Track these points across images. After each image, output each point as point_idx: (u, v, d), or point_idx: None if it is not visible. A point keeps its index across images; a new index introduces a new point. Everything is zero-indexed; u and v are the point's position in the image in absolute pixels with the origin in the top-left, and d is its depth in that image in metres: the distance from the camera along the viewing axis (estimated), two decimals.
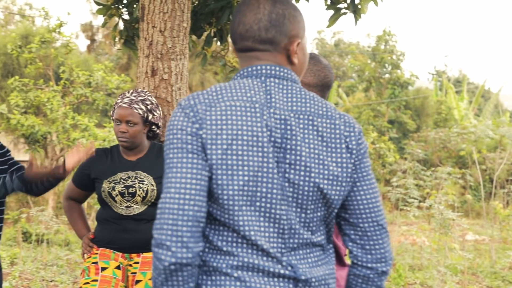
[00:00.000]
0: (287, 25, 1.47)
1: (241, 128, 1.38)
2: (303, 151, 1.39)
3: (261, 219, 1.39)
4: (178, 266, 1.33)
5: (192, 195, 1.34)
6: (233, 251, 1.39)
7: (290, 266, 1.39)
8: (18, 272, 5.95)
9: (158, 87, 3.42)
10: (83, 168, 2.93)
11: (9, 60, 21.20)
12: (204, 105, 1.41)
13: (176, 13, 3.43)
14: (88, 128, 13.21)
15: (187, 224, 1.33)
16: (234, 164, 1.37)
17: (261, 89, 1.44)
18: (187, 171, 1.36)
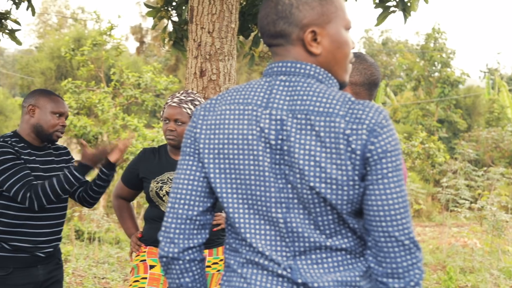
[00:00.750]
0: (296, 14, 1.36)
1: (232, 132, 1.37)
2: (297, 153, 1.31)
3: (261, 222, 1.37)
4: (169, 259, 1.43)
5: (183, 195, 1.42)
6: (238, 248, 1.41)
7: (289, 268, 1.35)
8: (72, 269, 6.12)
9: (207, 88, 3.45)
10: (132, 167, 2.98)
11: (62, 63, 21.88)
12: (204, 110, 1.45)
13: (224, 14, 3.45)
14: (137, 129, 13.45)
15: (175, 222, 1.42)
16: (226, 168, 1.38)
17: (264, 89, 1.39)
18: (182, 172, 1.43)
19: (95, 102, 14.09)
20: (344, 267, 1.35)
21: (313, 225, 1.34)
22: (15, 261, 2.65)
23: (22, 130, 2.75)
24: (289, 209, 1.34)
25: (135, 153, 12.02)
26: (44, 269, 2.75)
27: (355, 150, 1.28)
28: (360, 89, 2.09)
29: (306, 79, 1.38)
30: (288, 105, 1.34)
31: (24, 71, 25.38)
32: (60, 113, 2.75)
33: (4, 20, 4.18)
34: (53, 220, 2.73)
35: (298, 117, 1.32)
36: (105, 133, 14.11)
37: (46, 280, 2.76)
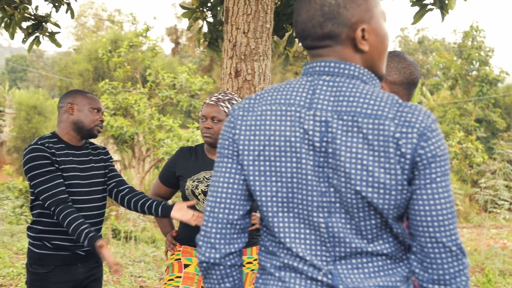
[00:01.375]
0: (344, 14, 1.33)
1: (273, 134, 1.33)
2: (343, 156, 1.27)
3: (301, 226, 1.35)
4: (209, 265, 1.40)
5: (223, 199, 1.38)
6: (275, 251, 1.39)
7: (330, 274, 1.32)
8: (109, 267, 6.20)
9: (242, 88, 3.46)
10: (169, 165, 3.01)
11: (99, 64, 22.25)
12: (242, 110, 1.40)
13: (260, 14, 3.45)
14: (172, 129, 13.58)
15: (216, 226, 1.38)
16: (266, 170, 1.34)
17: (306, 89, 1.35)
18: (221, 175, 1.40)
19: (131, 102, 14.28)
20: (385, 272, 1.33)
21: (355, 230, 1.31)
22: (56, 259, 2.71)
23: (60, 130, 2.80)
24: (331, 213, 1.31)
25: (170, 153, 12.14)
26: (84, 267, 2.80)
27: (405, 154, 1.25)
28: (399, 89, 2.06)
29: (350, 80, 1.34)
30: (333, 106, 1.30)
31: (62, 72, 25.92)
32: (98, 109, 2.81)
33: (44, 23, 4.28)
34: (92, 219, 2.77)
35: (344, 119, 1.28)
36: (141, 133, 14.30)
37: (86, 278, 2.81)
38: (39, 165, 2.63)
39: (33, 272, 2.72)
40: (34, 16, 4.24)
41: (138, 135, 14.60)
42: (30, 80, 54.24)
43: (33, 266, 2.71)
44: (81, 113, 2.77)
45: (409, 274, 1.35)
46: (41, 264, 2.70)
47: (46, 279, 2.69)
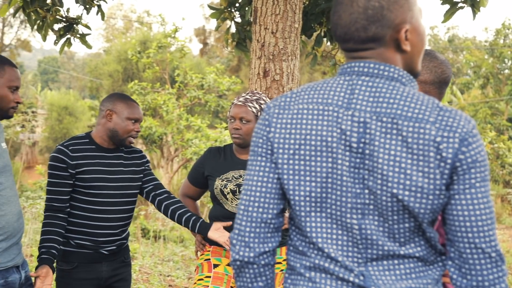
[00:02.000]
0: (388, 16, 1.32)
1: (309, 133, 1.32)
2: (381, 158, 1.26)
3: (334, 226, 1.34)
4: (243, 263, 1.41)
5: (257, 197, 1.38)
6: (307, 252, 1.38)
7: (362, 275, 1.31)
8: (138, 266, 6.27)
9: (270, 88, 3.45)
10: (198, 165, 3.03)
11: (129, 65, 22.52)
12: (278, 108, 1.40)
13: (288, 14, 3.44)
14: (200, 129, 13.65)
15: (250, 225, 1.39)
16: (301, 169, 1.34)
17: (344, 89, 1.34)
18: (254, 173, 1.40)
19: (160, 103, 14.40)
20: (416, 275, 1.32)
21: (388, 232, 1.30)
22: (79, 257, 2.75)
23: (96, 133, 2.84)
24: (364, 215, 1.30)
25: (199, 153, 12.21)
26: (109, 266, 2.82)
27: (446, 158, 1.24)
28: (430, 88, 2.03)
29: (390, 82, 1.33)
30: (372, 107, 1.29)
31: (93, 74, 26.32)
32: (136, 119, 2.81)
33: (75, 25, 4.34)
34: (115, 221, 2.80)
35: (383, 120, 1.27)
36: (170, 133, 14.41)
37: (110, 277, 2.83)
38: (53, 174, 2.72)
39: (59, 269, 2.78)
40: (66, 18, 4.31)
41: (166, 135, 14.72)
42: (62, 81, 55.20)
43: (59, 262, 2.78)
44: (118, 122, 2.78)
45: (439, 277, 1.34)
46: (66, 261, 2.76)
47: (70, 275, 2.75)
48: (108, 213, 2.76)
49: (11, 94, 2.36)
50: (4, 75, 2.33)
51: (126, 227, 2.88)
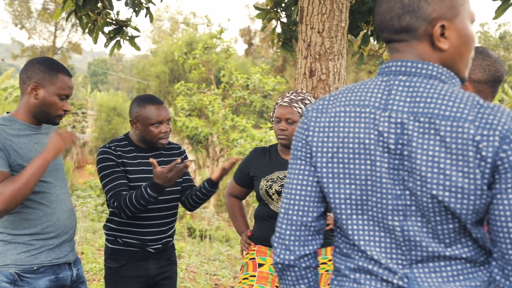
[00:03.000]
0: (424, 8, 1.29)
1: (347, 136, 1.31)
2: (419, 159, 1.23)
3: (376, 229, 1.32)
4: (284, 266, 1.41)
5: (297, 201, 1.38)
6: (350, 253, 1.37)
7: (406, 278, 1.29)
8: (185, 265, 6.34)
9: (316, 88, 3.43)
10: (243, 166, 3.04)
11: (175, 66, 22.82)
12: (316, 111, 1.40)
13: (335, 13, 3.42)
14: (246, 129, 13.70)
15: (290, 228, 1.39)
16: (340, 172, 1.33)
17: (381, 90, 1.32)
18: (294, 177, 1.40)
19: (205, 103, 14.54)
20: (464, 276, 1.28)
21: (432, 234, 1.27)
22: (127, 255, 2.80)
23: (132, 134, 2.88)
24: (406, 216, 1.28)
25: (244, 153, 12.26)
26: (155, 264, 2.86)
27: (486, 157, 1.20)
28: (484, 87, 1.97)
29: (428, 80, 1.30)
30: (409, 107, 1.27)
31: (140, 75, 26.80)
32: (160, 122, 2.77)
33: (125, 27, 4.43)
34: (161, 219, 2.83)
35: (420, 121, 1.24)
36: (215, 133, 14.53)
37: (157, 274, 2.87)
38: (106, 166, 2.74)
39: (107, 267, 2.84)
40: (116, 21, 4.41)
41: (212, 136, 14.85)
42: (110, 82, 56.49)
43: (108, 260, 2.84)
44: (142, 129, 2.78)
45: (491, 278, 1.30)
46: (114, 259, 2.81)
47: (118, 273, 2.79)
48: (153, 211, 2.79)
49: (60, 102, 2.40)
50: (56, 82, 2.38)
51: (172, 224, 2.91)
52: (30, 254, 2.34)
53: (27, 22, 36.37)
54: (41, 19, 35.92)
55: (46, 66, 2.38)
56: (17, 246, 2.33)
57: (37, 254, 2.35)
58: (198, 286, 5.51)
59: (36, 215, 2.35)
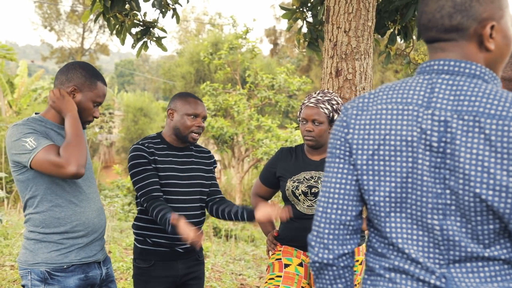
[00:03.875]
0: (476, 7, 1.29)
1: (389, 133, 1.31)
2: (462, 157, 1.22)
3: (414, 227, 1.31)
4: (322, 265, 1.40)
5: (336, 199, 1.38)
6: (386, 253, 1.36)
7: (443, 278, 1.28)
8: (211, 265, 6.37)
9: (342, 88, 3.42)
10: (269, 166, 3.04)
11: (201, 67, 22.95)
12: (356, 109, 1.39)
13: (361, 12, 3.40)
14: (271, 129, 13.70)
15: (329, 227, 1.38)
16: (381, 170, 1.32)
17: (424, 88, 1.32)
18: (333, 175, 1.39)
19: (231, 103, 14.58)
20: (502, 278, 1.27)
21: (471, 234, 1.26)
22: (156, 254, 2.81)
23: (165, 132, 2.91)
24: (446, 216, 1.27)
25: (269, 153, 12.26)
26: (184, 263, 2.88)
27: None
28: None
29: (471, 79, 1.30)
30: (453, 105, 1.26)
31: (166, 75, 27.01)
32: (195, 115, 2.82)
33: (152, 28, 4.47)
34: (189, 219, 2.83)
35: (464, 119, 1.24)
36: (240, 133, 14.56)
37: (185, 274, 2.89)
38: (138, 164, 2.75)
39: (137, 266, 2.85)
40: (143, 22, 4.45)
41: (237, 136, 14.88)
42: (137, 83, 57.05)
43: (137, 260, 2.85)
44: (178, 119, 2.83)
45: None
46: (143, 259, 2.82)
47: (148, 273, 2.80)
48: (182, 210, 2.80)
49: (92, 108, 2.49)
50: (94, 89, 2.46)
51: (200, 225, 2.92)
52: (60, 253, 2.38)
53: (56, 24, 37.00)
54: (70, 21, 36.50)
55: (87, 72, 2.46)
56: (48, 244, 2.37)
57: (67, 253, 2.39)
58: (224, 286, 5.53)
59: (66, 213, 2.39)
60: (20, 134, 2.28)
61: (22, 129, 2.30)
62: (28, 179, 2.34)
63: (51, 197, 2.36)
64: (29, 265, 2.36)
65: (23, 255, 2.40)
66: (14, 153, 2.30)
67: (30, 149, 2.25)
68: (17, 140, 2.28)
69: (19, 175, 2.35)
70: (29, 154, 2.25)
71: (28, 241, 2.40)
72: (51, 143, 2.28)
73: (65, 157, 2.24)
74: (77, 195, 2.43)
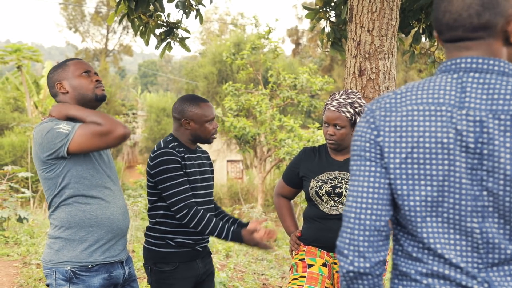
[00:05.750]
0: (503, 4, 1.27)
1: (422, 135, 1.27)
2: (502, 157, 1.20)
3: (451, 231, 1.28)
4: (356, 274, 1.32)
5: (369, 204, 1.31)
6: (422, 258, 1.32)
7: (486, 282, 1.25)
8: (233, 264, 6.38)
9: (366, 87, 3.40)
10: (292, 166, 3.03)
11: (223, 67, 23.01)
12: (384, 110, 1.34)
13: (385, 11, 3.37)
14: (293, 129, 13.68)
15: (363, 234, 1.31)
16: (415, 173, 1.28)
17: (454, 87, 1.29)
18: (364, 179, 1.33)
19: (253, 103, 14.59)
20: None
21: (509, 235, 1.24)
22: (180, 256, 2.81)
23: (178, 135, 2.90)
24: (484, 218, 1.25)
25: (291, 153, 12.24)
26: (202, 262, 2.91)
27: None
28: None
29: (502, 77, 1.27)
30: (487, 104, 1.24)
31: (189, 76, 27.13)
32: (212, 119, 2.87)
33: (175, 29, 4.50)
34: None
35: (501, 118, 1.22)
36: (263, 133, 14.56)
37: (203, 273, 2.91)
38: (173, 168, 2.72)
39: (158, 271, 2.81)
40: (167, 23, 4.48)
41: (259, 136, 14.89)
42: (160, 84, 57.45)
43: (158, 265, 2.81)
44: (197, 127, 2.84)
45: None
46: (166, 262, 2.80)
47: (172, 276, 2.79)
48: (203, 204, 2.84)
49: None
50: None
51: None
52: (85, 252, 2.39)
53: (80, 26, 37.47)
54: (94, 22, 36.94)
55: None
56: (73, 243, 2.39)
57: (91, 252, 2.40)
58: (246, 286, 5.53)
59: (92, 208, 2.40)
60: (51, 125, 2.32)
61: (51, 123, 2.34)
62: (57, 175, 2.36)
63: (77, 193, 2.38)
64: (54, 264, 2.38)
65: (48, 254, 2.42)
66: (48, 145, 2.32)
67: (66, 132, 2.29)
68: (50, 130, 2.31)
69: (48, 172, 2.37)
70: (66, 138, 2.28)
71: (52, 240, 2.42)
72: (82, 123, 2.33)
73: (106, 123, 2.30)
74: (103, 191, 2.45)
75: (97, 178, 2.43)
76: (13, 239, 6.87)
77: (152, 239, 2.85)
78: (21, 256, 6.13)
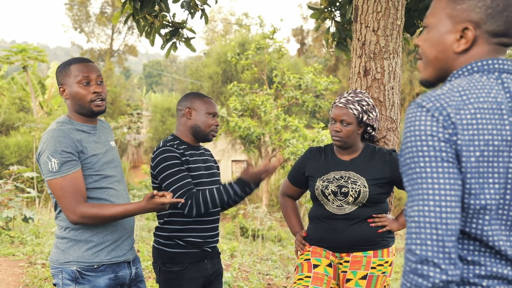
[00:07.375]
0: None
1: (491, 133, 1.27)
2: None
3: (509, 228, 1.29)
4: (445, 283, 1.23)
5: (453, 208, 1.24)
6: (479, 260, 1.30)
7: None
8: (238, 264, 6.39)
9: (371, 87, 3.39)
10: (298, 165, 3.04)
11: (228, 67, 23.00)
12: (454, 107, 1.28)
13: (390, 11, 3.36)
14: (298, 129, 13.67)
15: (451, 239, 1.23)
16: (485, 171, 1.27)
17: (499, 88, 1.32)
18: (444, 181, 1.25)
19: (258, 103, 14.59)
20: None
21: None
22: (189, 257, 2.82)
23: (180, 133, 2.92)
24: None
25: (296, 153, 12.23)
26: (210, 262, 2.91)
27: None
28: None
29: None
30: None
31: (194, 76, 27.15)
32: (214, 114, 2.89)
33: (181, 29, 4.50)
34: (216, 215, 2.89)
35: None
36: (267, 133, 14.55)
37: (212, 273, 2.92)
38: (172, 164, 2.74)
39: (167, 271, 2.82)
40: (172, 23, 4.48)
41: (264, 136, 14.88)
42: (165, 84, 57.49)
43: (167, 265, 2.82)
44: (198, 117, 2.87)
45: None
46: (175, 262, 2.81)
47: (181, 276, 2.80)
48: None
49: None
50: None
51: (218, 223, 2.98)
52: (91, 252, 2.40)
53: (85, 26, 37.54)
54: (99, 22, 36.99)
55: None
56: (79, 243, 2.40)
57: (97, 252, 2.42)
58: (251, 286, 5.53)
59: None
60: (49, 151, 2.35)
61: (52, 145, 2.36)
62: None
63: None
64: (61, 264, 2.40)
65: (55, 254, 2.44)
66: (40, 162, 2.38)
67: (52, 170, 2.33)
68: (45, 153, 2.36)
69: None
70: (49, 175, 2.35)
71: (59, 240, 2.44)
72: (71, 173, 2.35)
73: (74, 220, 2.37)
74: (108, 191, 2.46)
75: (102, 178, 2.44)
76: (19, 238, 6.90)
77: (161, 239, 2.86)
78: (27, 256, 6.15)
